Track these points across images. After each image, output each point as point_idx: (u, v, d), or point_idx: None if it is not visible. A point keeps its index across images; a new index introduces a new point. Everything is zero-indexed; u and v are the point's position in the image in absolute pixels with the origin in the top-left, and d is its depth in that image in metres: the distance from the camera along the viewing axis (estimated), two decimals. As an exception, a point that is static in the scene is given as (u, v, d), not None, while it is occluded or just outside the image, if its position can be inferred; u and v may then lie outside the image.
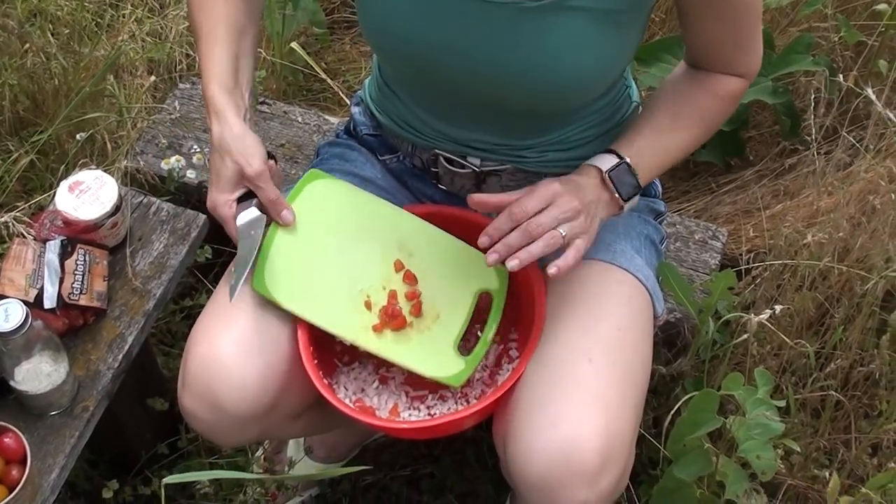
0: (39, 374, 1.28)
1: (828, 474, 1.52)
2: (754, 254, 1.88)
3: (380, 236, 1.34)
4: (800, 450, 1.54)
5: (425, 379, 1.34)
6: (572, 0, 1.15)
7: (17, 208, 1.47)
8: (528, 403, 1.22)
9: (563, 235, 1.20)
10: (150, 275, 1.47)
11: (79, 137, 1.79)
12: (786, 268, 1.73)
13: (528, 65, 1.19)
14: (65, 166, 1.75)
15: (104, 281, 1.42)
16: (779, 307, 1.51)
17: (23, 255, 1.38)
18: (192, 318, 1.38)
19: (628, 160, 1.26)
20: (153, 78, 2.02)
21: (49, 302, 1.35)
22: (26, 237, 1.38)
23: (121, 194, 1.44)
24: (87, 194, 1.42)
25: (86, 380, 1.37)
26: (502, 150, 1.35)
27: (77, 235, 1.41)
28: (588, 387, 1.21)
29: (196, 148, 1.91)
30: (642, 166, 1.27)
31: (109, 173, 1.45)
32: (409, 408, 1.36)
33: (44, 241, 1.39)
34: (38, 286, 1.35)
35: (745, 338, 1.49)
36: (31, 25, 1.97)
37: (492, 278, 1.33)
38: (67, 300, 1.36)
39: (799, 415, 1.66)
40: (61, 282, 1.36)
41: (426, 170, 1.43)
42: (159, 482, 1.56)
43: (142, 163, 1.86)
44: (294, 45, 2.22)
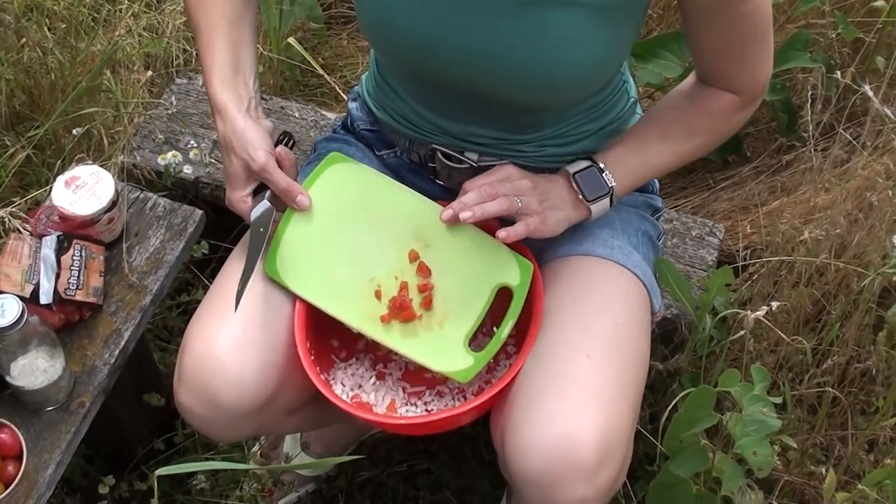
0: (35, 369, 1.28)
1: (824, 471, 1.52)
2: (751, 250, 1.88)
3: (397, 224, 1.32)
4: (796, 446, 1.54)
5: (423, 375, 1.34)
6: (570, -5, 1.15)
7: (14, 203, 1.47)
8: (526, 399, 1.22)
9: (518, 203, 1.25)
10: (147, 270, 1.47)
11: (75, 132, 1.79)
12: (783, 264, 1.73)
13: (526, 59, 1.19)
14: (61, 161, 1.74)
15: (100, 276, 1.42)
16: (775, 304, 1.51)
17: (19, 250, 1.38)
18: (189, 313, 1.38)
19: (601, 165, 1.29)
20: (150, 73, 2.02)
21: (45, 297, 1.34)
22: (22, 232, 1.38)
23: (117, 189, 1.44)
24: (84, 189, 1.41)
25: (82, 375, 1.37)
26: (500, 145, 1.35)
27: (73, 231, 1.41)
28: (586, 383, 1.21)
29: (193, 143, 1.90)
30: (620, 175, 1.30)
31: (106, 168, 1.46)
32: (407, 404, 1.35)
33: (40, 237, 1.39)
34: (34, 282, 1.35)
35: (742, 334, 1.49)
36: (27, 20, 1.97)
37: (513, 273, 1.28)
38: (63, 296, 1.36)
39: (795, 411, 1.66)
40: (57, 277, 1.36)
41: (423, 165, 1.43)
42: (155, 478, 1.56)
43: (138, 158, 1.86)
44: (291, 40, 2.21)
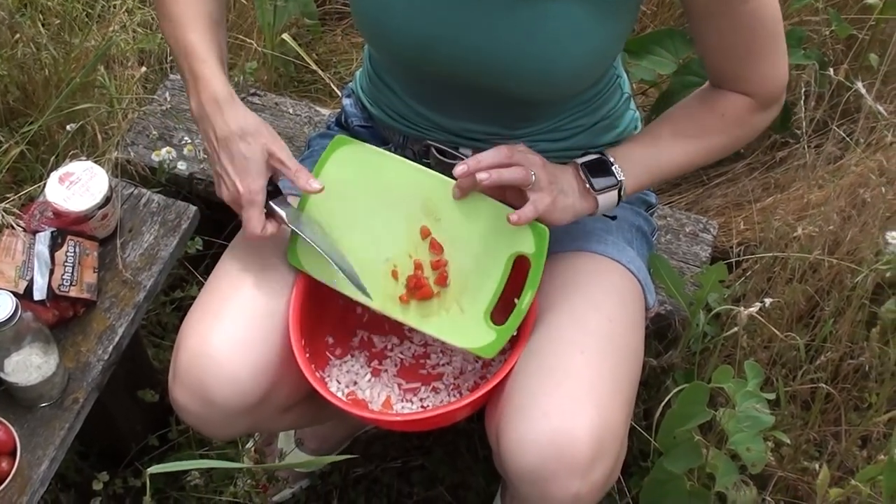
0: (29, 365, 1.27)
1: (817, 466, 1.52)
2: (745, 246, 1.89)
3: (406, 201, 1.29)
4: (790, 442, 1.54)
5: (418, 371, 1.34)
6: (565, -11, 1.15)
7: (7, 199, 1.47)
8: (521, 395, 1.22)
9: (532, 176, 1.21)
10: (141, 266, 1.47)
11: (69, 128, 1.78)
12: (776, 260, 1.74)
13: (523, 53, 1.19)
14: (55, 157, 1.74)
15: (94, 272, 1.42)
16: (769, 300, 1.51)
17: (12, 246, 1.37)
18: (183, 309, 1.38)
19: (611, 158, 1.27)
20: (144, 69, 2.01)
21: (39, 293, 1.34)
22: (16, 228, 1.38)
23: (111, 185, 1.44)
24: (78, 185, 1.41)
25: (76, 372, 1.37)
26: (494, 140, 1.35)
27: (67, 227, 1.40)
28: (580, 378, 1.21)
29: (187, 139, 1.90)
30: (630, 169, 1.27)
31: (100, 164, 1.45)
32: (402, 400, 1.36)
33: (34, 233, 1.39)
34: (27, 278, 1.35)
35: (736, 330, 1.49)
36: (21, 15, 1.96)
37: (528, 241, 1.23)
38: (57, 292, 1.35)
39: (789, 407, 1.67)
40: (51, 273, 1.35)
41: (418, 161, 1.43)
42: (148, 475, 1.56)
43: (132, 154, 1.86)
44: (285, 36, 2.21)
